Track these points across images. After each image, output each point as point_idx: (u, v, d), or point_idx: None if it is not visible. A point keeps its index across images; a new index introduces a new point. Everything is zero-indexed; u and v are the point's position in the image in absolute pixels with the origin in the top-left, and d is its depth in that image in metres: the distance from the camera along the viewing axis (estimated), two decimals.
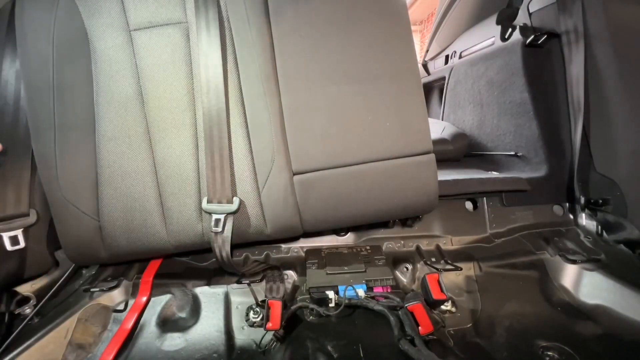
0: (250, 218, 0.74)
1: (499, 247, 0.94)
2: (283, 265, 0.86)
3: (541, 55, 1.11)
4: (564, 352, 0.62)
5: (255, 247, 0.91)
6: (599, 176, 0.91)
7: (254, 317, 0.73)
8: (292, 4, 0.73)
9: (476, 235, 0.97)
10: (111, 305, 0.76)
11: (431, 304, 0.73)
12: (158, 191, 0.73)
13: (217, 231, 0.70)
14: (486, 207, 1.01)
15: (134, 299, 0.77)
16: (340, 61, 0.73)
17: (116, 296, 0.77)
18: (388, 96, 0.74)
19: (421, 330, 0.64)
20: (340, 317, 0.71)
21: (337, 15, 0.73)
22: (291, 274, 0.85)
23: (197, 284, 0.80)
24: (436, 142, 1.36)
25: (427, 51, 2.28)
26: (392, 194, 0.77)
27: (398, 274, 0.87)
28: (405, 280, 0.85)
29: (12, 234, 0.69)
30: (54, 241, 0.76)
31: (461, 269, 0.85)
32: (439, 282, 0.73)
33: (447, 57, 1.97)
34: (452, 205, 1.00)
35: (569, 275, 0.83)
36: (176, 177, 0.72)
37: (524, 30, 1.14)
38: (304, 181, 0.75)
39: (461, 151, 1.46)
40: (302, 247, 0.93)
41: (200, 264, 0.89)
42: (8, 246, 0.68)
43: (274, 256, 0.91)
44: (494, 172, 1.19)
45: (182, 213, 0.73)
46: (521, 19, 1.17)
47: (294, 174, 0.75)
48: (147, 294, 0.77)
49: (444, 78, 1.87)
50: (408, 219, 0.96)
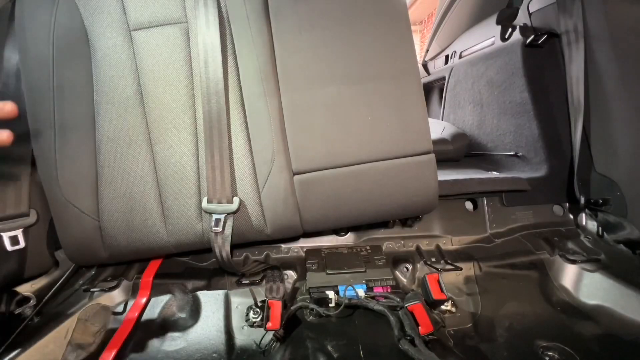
0: (250, 218, 0.74)
1: (499, 247, 0.94)
2: (283, 265, 0.86)
3: (541, 55, 1.11)
4: (564, 352, 0.62)
5: (255, 247, 0.91)
6: (599, 176, 0.91)
7: (254, 317, 0.73)
8: (292, 4, 0.73)
9: (476, 235, 0.97)
10: (111, 305, 0.76)
11: (431, 304, 0.73)
12: (158, 191, 0.73)
13: (217, 231, 0.70)
14: (486, 207, 1.01)
15: (134, 299, 0.77)
16: (340, 61, 0.73)
17: (116, 296, 0.77)
18: (388, 96, 0.74)
19: (421, 330, 0.64)
20: (340, 317, 0.71)
21: (337, 15, 0.73)
22: (291, 274, 0.85)
23: (197, 284, 0.80)
24: (436, 142, 1.36)
25: (427, 51, 2.28)
26: (392, 194, 0.77)
27: (398, 274, 0.86)
28: (405, 280, 0.85)
29: (12, 234, 0.69)
30: (54, 241, 0.76)
31: (461, 269, 0.85)
32: (439, 282, 0.73)
33: (447, 57, 1.97)
34: (452, 205, 1.00)
35: (569, 275, 0.82)
36: (176, 177, 0.72)
37: (524, 30, 1.14)
38: (304, 181, 0.75)
39: (461, 151, 1.46)
40: (302, 247, 0.93)
41: (200, 264, 0.89)
42: (8, 246, 0.68)
43: (274, 256, 0.91)
44: (494, 172, 1.19)
45: (182, 213, 0.73)
46: (521, 19, 1.17)
47: (294, 174, 0.74)
48: (147, 294, 0.77)
49: (444, 78, 1.87)
50: (408, 219, 0.96)
